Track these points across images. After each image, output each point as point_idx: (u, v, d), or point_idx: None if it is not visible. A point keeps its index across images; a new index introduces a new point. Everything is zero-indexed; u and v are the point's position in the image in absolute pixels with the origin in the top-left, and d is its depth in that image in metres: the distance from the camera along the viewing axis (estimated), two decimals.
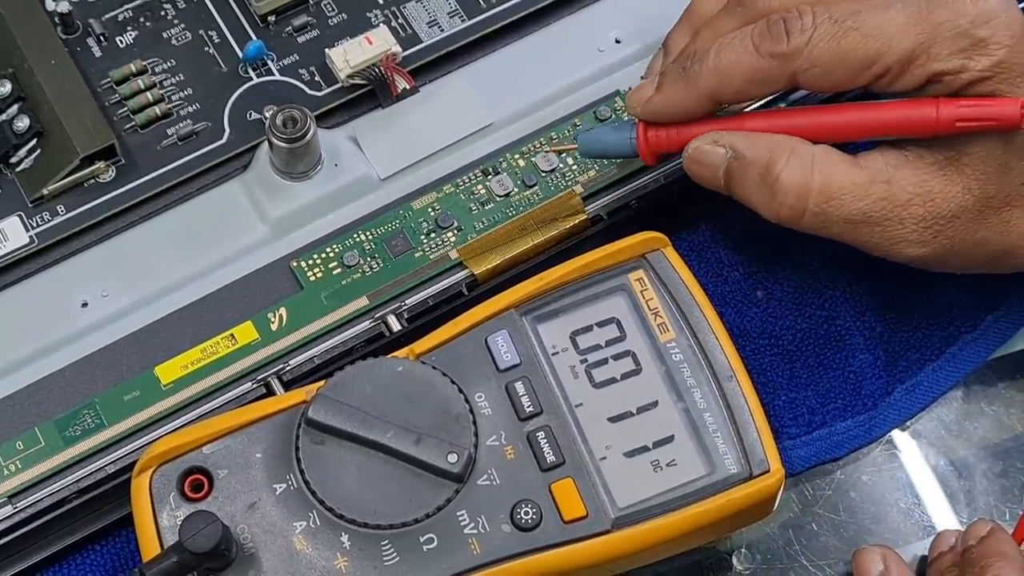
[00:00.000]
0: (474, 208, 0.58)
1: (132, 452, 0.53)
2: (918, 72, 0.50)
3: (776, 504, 0.51)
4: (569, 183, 0.58)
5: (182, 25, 0.60)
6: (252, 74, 0.60)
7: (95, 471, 0.53)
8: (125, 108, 0.59)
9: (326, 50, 0.59)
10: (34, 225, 0.57)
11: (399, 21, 0.60)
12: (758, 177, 0.52)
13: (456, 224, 0.57)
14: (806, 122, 0.53)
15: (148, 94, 0.59)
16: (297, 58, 0.60)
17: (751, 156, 0.52)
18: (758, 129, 0.53)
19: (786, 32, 0.51)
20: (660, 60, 0.57)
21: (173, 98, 0.59)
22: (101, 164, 0.57)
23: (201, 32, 0.60)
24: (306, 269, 0.56)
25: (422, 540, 0.49)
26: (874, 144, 0.53)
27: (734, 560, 0.56)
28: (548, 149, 0.58)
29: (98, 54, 0.60)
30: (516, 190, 0.58)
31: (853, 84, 0.52)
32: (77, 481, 0.53)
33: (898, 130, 0.52)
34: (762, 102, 0.58)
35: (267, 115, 0.58)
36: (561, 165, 0.58)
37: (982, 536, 0.52)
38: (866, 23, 0.50)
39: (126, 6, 0.61)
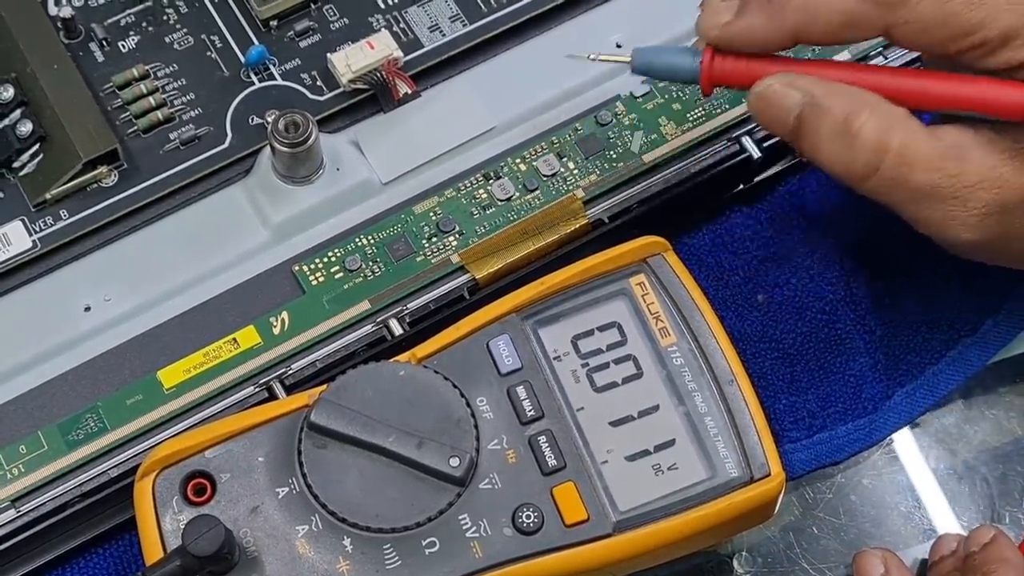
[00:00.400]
0: (476, 212, 0.58)
1: (135, 456, 0.53)
2: (1013, 53, 0.49)
3: (777, 508, 0.52)
4: (570, 187, 0.58)
5: (184, 30, 0.61)
6: (254, 79, 0.60)
7: (98, 475, 0.53)
8: (127, 113, 0.59)
9: (328, 55, 0.59)
10: (37, 229, 0.57)
11: (401, 26, 0.61)
12: (834, 128, 0.50)
13: (458, 228, 0.57)
14: (889, 82, 0.51)
15: (150, 99, 0.59)
16: (299, 63, 0.60)
17: (829, 105, 0.50)
18: (838, 79, 0.51)
19: None
20: None
21: (175, 102, 0.59)
22: (104, 168, 0.57)
23: (203, 37, 0.60)
24: (308, 273, 0.57)
25: (424, 544, 0.49)
26: (942, 120, 0.52)
27: (735, 563, 0.56)
28: (595, 57, 0.55)
29: (100, 59, 0.60)
30: (517, 194, 0.58)
31: (947, 49, 0.50)
32: (80, 485, 0.53)
33: (983, 108, 0.50)
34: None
35: (269, 120, 0.58)
36: (562, 169, 0.58)
37: (985, 543, 0.52)
38: None
39: (128, 11, 0.61)
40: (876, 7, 0.49)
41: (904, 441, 0.58)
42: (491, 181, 0.58)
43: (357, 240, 0.57)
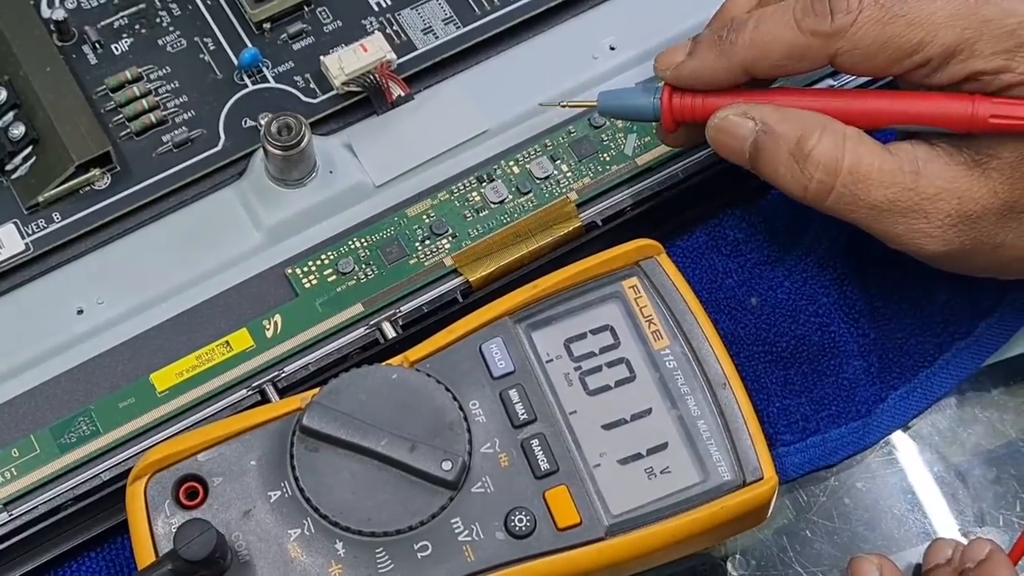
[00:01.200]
0: (469, 215, 0.58)
1: (127, 459, 0.53)
2: (958, 68, 0.50)
3: (770, 511, 0.52)
4: (564, 190, 0.58)
5: (177, 32, 0.61)
6: (247, 81, 0.60)
7: (90, 478, 0.53)
8: (120, 115, 0.59)
9: (321, 57, 0.59)
10: (30, 232, 0.57)
11: (394, 28, 0.61)
12: (787, 152, 0.52)
13: (451, 231, 0.57)
14: (838, 103, 0.52)
15: (143, 101, 0.59)
16: (292, 65, 0.60)
17: (782, 130, 0.52)
18: (790, 104, 0.52)
19: (830, 10, 0.50)
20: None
21: (168, 105, 0.59)
22: (96, 171, 0.57)
23: (196, 39, 0.60)
24: (301, 276, 0.57)
25: (416, 547, 0.49)
26: (903, 139, 0.53)
27: (728, 566, 0.56)
28: (565, 104, 0.57)
29: (93, 61, 0.60)
30: (510, 197, 0.58)
31: (891, 71, 0.51)
32: (72, 488, 0.53)
33: (932, 121, 0.51)
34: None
35: (262, 122, 0.58)
36: (555, 172, 0.58)
37: (980, 559, 0.52)
38: (912, 10, 0.50)
39: (121, 13, 0.61)
40: (817, 38, 0.51)
41: (898, 444, 0.58)
42: (484, 184, 0.58)
43: (350, 243, 0.57)
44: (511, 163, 0.59)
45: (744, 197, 0.60)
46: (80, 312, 0.56)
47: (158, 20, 0.61)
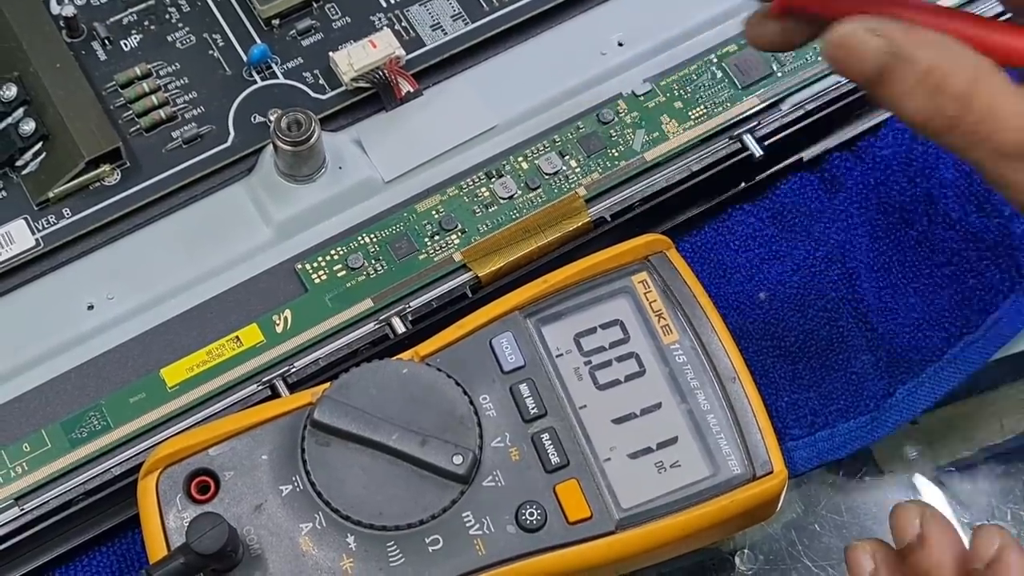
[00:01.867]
0: (478, 211, 0.58)
1: (138, 454, 0.53)
2: None
3: (779, 505, 0.52)
4: (572, 186, 0.58)
5: (186, 29, 0.61)
6: (256, 77, 0.60)
7: (101, 473, 0.53)
8: (130, 111, 0.59)
9: (330, 53, 0.59)
10: (40, 228, 0.57)
11: (403, 24, 0.61)
12: (917, 79, 0.46)
13: (460, 226, 0.57)
14: (978, 32, 0.46)
15: (153, 97, 0.59)
16: (301, 61, 0.60)
17: (914, 54, 0.46)
18: (923, 24, 0.46)
19: None
20: None
21: (178, 101, 0.59)
22: (106, 167, 0.58)
23: (205, 36, 0.61)
24: (311, 271, 0.57)
25: (427, 541, 0.49)
26: None
27: (737, 561, 0.56)
28: None
29: (103, 57, 0.60)
30: (520, 193, 0.58)
31: None
32: (84, 483, 0.53)
33: None
34: None
35: (271, 118, 0.58)
36: (564, 168, 0.58)
37: (990, 557, 0.50)
38: None
39: (131, 10, 0.61)
40: None
41: (906, 438, 0.58)
42: (493, 179, 0.58)
43: (360, 238, 0.57)
44: (520, 159, 0.59)
45: (752, 193, 0.60)
46: (90, 308, 0.56)
47: (167, 16, 0.61)
